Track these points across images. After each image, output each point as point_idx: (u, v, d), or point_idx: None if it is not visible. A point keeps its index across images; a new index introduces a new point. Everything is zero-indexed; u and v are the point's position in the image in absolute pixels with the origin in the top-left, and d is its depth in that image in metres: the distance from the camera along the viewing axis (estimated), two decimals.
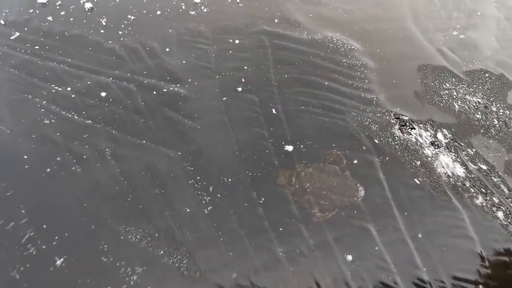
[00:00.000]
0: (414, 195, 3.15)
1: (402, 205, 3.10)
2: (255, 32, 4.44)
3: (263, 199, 3.12)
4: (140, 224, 2.96)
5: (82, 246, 2.85)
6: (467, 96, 3.82)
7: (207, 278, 2.73)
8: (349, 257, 2.85)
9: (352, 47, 4.26)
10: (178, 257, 2.82)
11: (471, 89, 3.88)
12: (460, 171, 3.28)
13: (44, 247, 2.84)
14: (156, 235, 2.91)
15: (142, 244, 2.86)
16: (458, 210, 3.07)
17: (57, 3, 4.78)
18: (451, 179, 3.24)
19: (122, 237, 2.89)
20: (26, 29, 4.45)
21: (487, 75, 3.99)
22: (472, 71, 4.03)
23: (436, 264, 2.83)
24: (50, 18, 4.59)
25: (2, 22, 4.52)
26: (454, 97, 3.82)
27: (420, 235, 2.95)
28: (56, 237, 2.88)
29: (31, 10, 4.69)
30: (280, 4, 4.81)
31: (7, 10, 4.69)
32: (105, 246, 2.84)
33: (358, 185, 3.20)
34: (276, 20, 4.57)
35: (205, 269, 2.77)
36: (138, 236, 2.90)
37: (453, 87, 3.90)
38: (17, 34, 4.39)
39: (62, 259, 2.78)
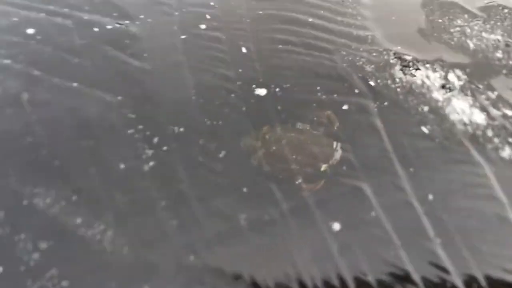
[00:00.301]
0: (422, 147, 2.35)
1: (406, 159, 2.30)
2: None
3: (223, 152, 2.31)
4: (54, 184, 2.12)
5: None
6: (483, 34, 3.02)
7: (138, 254, 1.91)
8: (336, 226, 2.04)
9: None
10: (101, 227, 1.99)
11: (488, 26, 3.08)
12: (479, 117, 2.49)
13: None
14: (74, 198, 2.08)
15: (52, 211, 2.03)
16: (480, 164, 2.28)
17: None
18: (468, 127, 2.45)
19: (25, 202, 2.05)
20: None
21: (505, 10, 3.20)
22: (488, 6, 3.24)
23: (453, 234, 2.04)
24: None
25: None
26: (468, 34, 3.02)
27: (430, 197, 2.15)
28: None
29: None
30: None
31: None
32: (1, 213, 2.02)
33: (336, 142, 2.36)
34: None
35: (136, 242, 1.95)
36: (48, 200, 2.06)
37: (466, 23, 3.10)
38: None
39: None
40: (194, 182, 2.18)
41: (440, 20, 3.12)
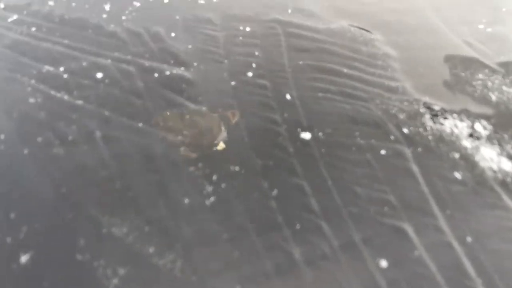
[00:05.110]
0: (455, 191, 2.50)
1: (443, 201, 2.44)
2: (267, 21, 3.94)
3: (276, 191, 2.49)
4: (128, 215, 2.31)
5: (54, 240, 2.20)
6: (503, 87, 3.24)
7: (205, 281, 2.05)
8: (383, 263, 2.17)
9: (372, 37, 3.74)
10: (172, 255, 2.14)
11: (507, 80, 3.31)
12: (508, 165, 2.64)
13: (8, 240, 2.19)
14: (147, 228, 2.25)
15: (128, 239, 2.20)
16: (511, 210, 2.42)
17: None
18: (498, 174, 2.60)
19: (104, 230, 2.23)
20: (25, 12, 3.98)
21: None
22: (505, 63, 3.48)
23: (493, 274, 2.14)
24: (51, 2, 4.13)
25: (2, 6, 4.07)
26: (489, 87, 3.24)
27: (469, 239, 2.28)
28: (25, 228, 2.23)
29: None
30: None
31: None
32: (83, 240, 2.19)
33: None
34: (289, 10, 4.08)
35: (203, 271, 2.09)
36: (124, 229, 2.24)
37: (486, 77, 3.33)
38: (15, 16, 3.92)
39: (28, 255, 2.12)
40: (251, 217, 2.34)
41: (463, 74, 3.36)
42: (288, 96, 3.12)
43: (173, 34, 3.73)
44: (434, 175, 2.59)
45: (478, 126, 2.90)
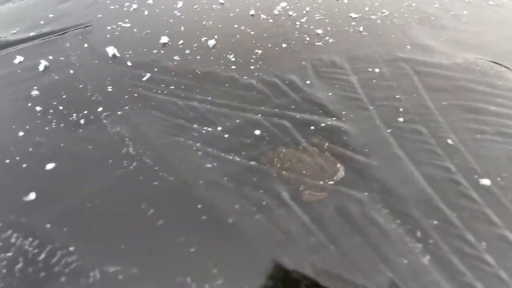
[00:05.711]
0: None
1: None
2: (391, 60, 4.06)
3: (484, 244, 2.60)
4: (357, 279, 2.45)
5: None
6: None
7: None
8: None
9: (502, 69, 3.84)
10: None
11: None
12: None
13: None
14: None
15: None
16: None
17: (179, 42, 4.52)
18: None
19: None
20: (155, 69, 4.16)
21: None
22: None
23: None
24: (176, 57, 4.30)
25: (129, 64, 4.26)
26: None
27: None
28: None
29: (155, 51, 4.43)
30: (406, 31, 4.45)
31: (130, 52, 4.45)
32: None
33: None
34: (408, 47, 4.20)
35: None
36: None
37: None
38: (148, 75, 4.10)
39: None
40: (476, 276, 2.45)
41: None
42: (449, 141, 3.23)
43: (308, 82, 3.87)
44: None
45: None
